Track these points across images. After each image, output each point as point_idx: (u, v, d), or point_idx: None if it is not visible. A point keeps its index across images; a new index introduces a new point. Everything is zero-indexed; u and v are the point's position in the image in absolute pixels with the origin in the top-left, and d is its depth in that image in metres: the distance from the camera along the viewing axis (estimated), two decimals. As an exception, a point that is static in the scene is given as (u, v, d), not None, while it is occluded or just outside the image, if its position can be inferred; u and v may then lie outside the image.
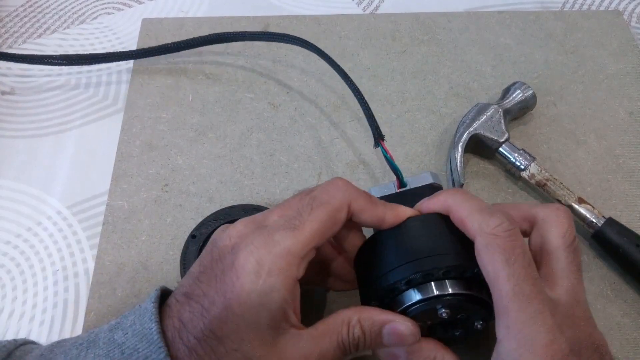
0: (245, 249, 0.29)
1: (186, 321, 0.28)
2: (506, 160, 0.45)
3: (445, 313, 0.30)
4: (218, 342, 0.27)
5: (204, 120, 0.49)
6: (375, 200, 0.32)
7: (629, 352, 0.38)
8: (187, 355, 0.27)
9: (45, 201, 0.45)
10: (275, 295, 0.28)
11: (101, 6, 0.58)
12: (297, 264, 0.29)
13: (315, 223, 0.30)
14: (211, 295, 0.28)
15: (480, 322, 0.31)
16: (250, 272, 0.28)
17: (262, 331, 0.28)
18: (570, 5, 0.59)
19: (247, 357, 0.27)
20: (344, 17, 0.57)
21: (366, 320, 0.30)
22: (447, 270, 0.29)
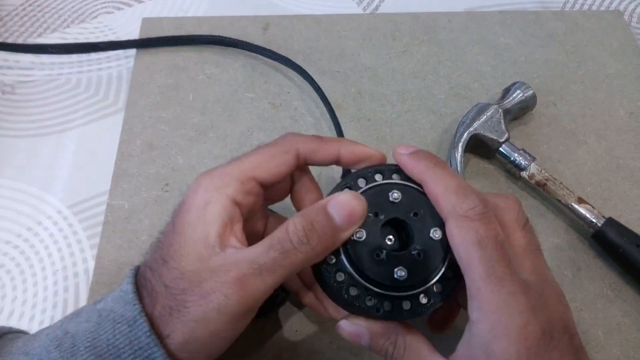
0: (192, 183, 0.31)
1: (147, 263, 0.30)
2: (506, 160, 0.45)
3: (397, 195, 0.30)
4: (163, 264, 0.29)
5: (204, 120, 0.49)
6: (326, 139, 0.33)
7: (629, 352, 0.38)
8: (142, 282, 0.29)
9: (46, 201, 0.45)
10: (209, 209, 0.29)
11: (101, 5, 0.58)
12: (233, 184, 0.30)
13: (257, 156, 0.31)
14: (165, 229, 0.31)
15: (436, 229, 0.29)
16: (191, 192, 0.30)
17: (197, 246, 0.29)
18: (570, 5, 0.59)
19: (183, 272, 0.28)
20: (344, 17, 0.57)
21: (308, 210, 0.29)
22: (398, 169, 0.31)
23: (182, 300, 0.28)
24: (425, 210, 0.30)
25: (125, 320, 0.28)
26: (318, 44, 0.55)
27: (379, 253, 0.29)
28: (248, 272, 0.27)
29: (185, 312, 0.28)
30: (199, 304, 0.27)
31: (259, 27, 0.55)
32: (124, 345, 0.27)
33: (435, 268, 0.30)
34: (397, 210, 0.30)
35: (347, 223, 0.29)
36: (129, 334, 0.27)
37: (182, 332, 0.27)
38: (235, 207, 0.30)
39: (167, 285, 0.28)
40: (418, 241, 0.29)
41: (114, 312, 0.28)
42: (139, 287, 0.29)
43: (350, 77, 0.52)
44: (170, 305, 0.28)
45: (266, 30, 0.55)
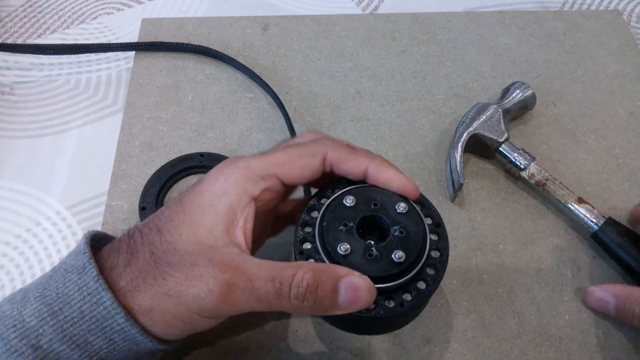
0: (214, 169, 0.31)
1: (139, 226, 0.30)
2: (506, 160, 0.45)
3: (351, 199, 0.31)
4: (157, 233, 0.29)
5: (203, 120, 0.49)
6: (358, 151, 0.32)
7: (629, 352, 0.38)
8: (125, 243, 0.29)
9: (45, 202, 0.45)
10: (225, 199, 0.29)
11: (101, 6, 0.58)
12: (253, 179, 0.30)
13: (283, 154, 0.31)
14: (170, 203, 0.30)
15: (398, 204, 0.31)
16: (210, 178, 0.30)
17: (201, 232, 0.29)
18: (570, 5, 0.59)
19: (176, 248, 0.28)
20: (344, 17, 0.57)
21: (322, 271, 0.28)
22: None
23: (163, 271, 0.28)
24: (379, 197, 0.31)
25: (75, 269, 0.28)
26: (317, 44, 0.55)
27: (370, 252, 0.29)
28: (240, 285, 0.27)
29: (162, 282, 0.28)
30: (180, 282, 0.27)
31: (259, 28, 0.55)
32: (73, 292, 0.28)
33: (423, 232, 0.30)
34: (357, 211, 0.31)
35: (346, 305, 0.28)
36: (77, 280, 0.28)
37: (150, 299, 0.28)
38: (251, 203, 0.30)
39: (153, 252, 0.28)
40: (392, 222, 0.30)
41: (65, 264, 0.29)
42: (115, 243, 0.30)
43: (349, 77, 0.52)
44: (149, 270, 0.28)
45: (266, 30, 0.55)
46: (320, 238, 0.30)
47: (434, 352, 0.38)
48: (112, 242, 0.30)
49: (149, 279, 0.28)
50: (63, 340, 0.27)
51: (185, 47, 0.53)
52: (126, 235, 0.30)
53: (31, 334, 0.27)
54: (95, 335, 0.28)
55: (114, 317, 0.27)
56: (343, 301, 0.28)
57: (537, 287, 0.41)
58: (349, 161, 0.32)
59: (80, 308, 0.27)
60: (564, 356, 0.38)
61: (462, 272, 0.41)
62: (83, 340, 0.27)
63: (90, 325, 0.27)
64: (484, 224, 0.44)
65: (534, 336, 0.39)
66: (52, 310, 0.27)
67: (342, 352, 0.38)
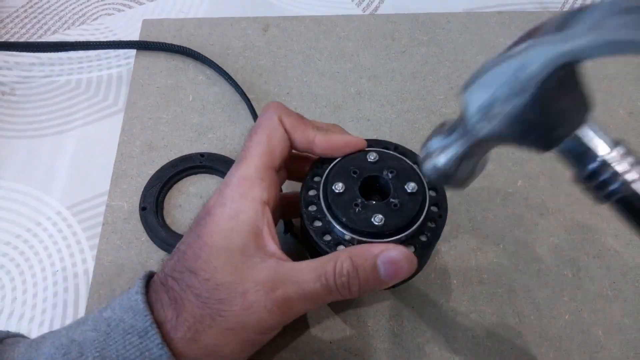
0: (213, 197, 0.31)
1: (168, 273, 0.29)
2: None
3: (374, 155, 0.34)
4: (192, 275, 0.28)
5: (204, 120, 0.49)
6: (306, 122, 0.33)
7: (629, 352, 0.38)
8: (165, 293, 0.28)
9: (45, 202, 0.45)
10: (242, 217, 0.29)
11: (101, 7, 0.58)
12: (257, 185, 0.30)
13: (258, 145, 0.31)
14: (188, 241, 0.30)
15: (412, 183, 0.33)
16: (217, 205, 0.30)
17: (234, 257, 0.28)
18: (570, 6, 0.59)
19: (218, 284, 0.28)
20: (344, 18, 0.57)
21: (358, 255, 0.29)
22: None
23: (217, 309, 0.28)
24: (400, 169, 0.34)
25: (136, 331, 0.27)
26: (318, 44, 0.55)
27: (357, 204, 0.32)
28: (294, 296, 0.28)
29: (220, 320, 0.27)
30: (238, 314, 0.27)
31: (259, 28, 0.55)
32: (135, 357, 0.27)
33: (414, 217, 0.32)
34: (374, 170, 0.34)
35: (390, 279, 0.29)
36: (139, 345, 0.27)
37: (214, 338, 0.27)
38: (266, 208, 0.30)
39: (198, 295, 0.28)
40: (394, 194, 0.33)
41: (123, 322, 0.28)
42: (152, 294, 0.29)
43: (349, 77, 0.52)
44: (202, 314, 0.27)
45: (266, 31, 0.55)
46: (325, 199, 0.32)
47: (434, 352, 0.38)
48: (153, 290, 0.29)
49: (205, 320, 0.27)
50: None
51: (173, 48, 0.52)
52: (159, 284, 0.29)
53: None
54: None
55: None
56: (385, 276, 0.29)
57: (537, 287, 0.41)
58: (299, 130, 0.33)
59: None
60: (564, 356, 0.38)
61: (462, 272, 0.41)
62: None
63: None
64: (484, 224, 0.44)
65: (534, 336, 0.39)
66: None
67: (342, 352, 0.38)
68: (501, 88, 0.21)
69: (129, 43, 0.53)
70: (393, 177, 0.33)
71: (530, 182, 0.46)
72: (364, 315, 0.39)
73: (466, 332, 0.39)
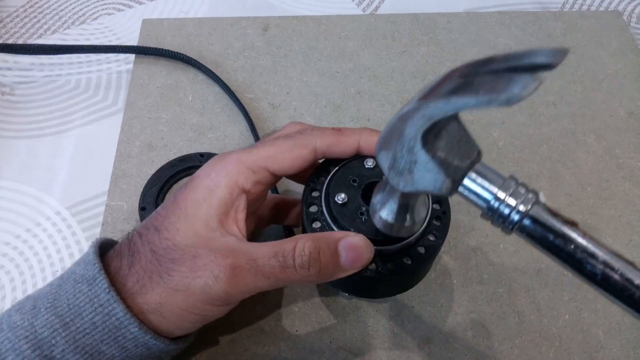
0: (207, 164, 0.32)
1: (137, 229, 0.31)
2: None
3: (371, 162, 0.33)
4: (154, 232, 0.30)
5: (203, 120, 0.49)
6: (345, 132, 0.33)
7: (629, 352, 0.38)
8: (126, 247, 0.30)
9: (45, 202, 0.45)
10: (217, 192, 0.30)
11: (101, 7, 0.58)
12: (244, 172, 0.31)
13: (272, 147, 0.32)
14: (166, 202, 0.32)
15: None
16: (202, 174, 0.31)
17: (197, 225, 0.29)
18: (569, 6, 0.59)
19: (175, 244, 0.29)
20: (344, 18, 0.57)
21: (320, 238, 0.30)
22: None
23: (167, 268, 0.28)
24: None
25: (86, 280, 0.28)
26: (318, 44, 0.55)
27: (362, 212, 0.31)
28: (245, 266, 0.28)
29: (167, 278, 0.28)
30: (186, 275, 0.28)
31: (259, 28, 0.55)
32: (85, 304, 0.28)
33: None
34: (374, 176, 0.33)
35: (350, 265, 0.30)
36: (88, 292, 0.28)
37: (159, 296, 0.28)
38: (242, 195, 0.31)
39: (154, 251, 0.29)
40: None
41: (74, 273, 0.29)
42: (116, 248, 0.30)
43: (349, 77, 0.52)
44: (152, 269, 0.28)
45: (266, 31, 0.55)
46: (326, 200, 0.32)
47: (434, 352, 0.38)
48: (114, 248, 0.31)
49: (154, 277, 0.28)
50: (76, 350, 0.27)
51: (169, 54, 0.52)
52: (126, 239, 0.30)
53: (44, 345, 0.27)
54: (108, 345, 0.28)
55: (127, 327, 0.28)
56: (345, 261, 0.29)
57: (537, 287, 0.41)
58: (339, 144, 0.33)
59: (92, 319, 0.28)
60: (564, 356, 0.38)
61: (462, 272, 0.41)
62: (95, 350, 0.28)
63: (103, 336, 0.28)
64: (484, 224, 0.44)
65: (534, 336, 0.39)
66: (64, 322, 0.28)
67: (341, 352, 0.38)
68: (397, 148, 0.25)
69: (127, 48, 0.53)
70: None
71: (530, 182, 0.46)
72: (364, 315, 0.39)
73: (466, 332, 0.39)
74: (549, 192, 0.45)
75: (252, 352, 0.38)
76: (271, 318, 0.39)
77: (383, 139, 0.26)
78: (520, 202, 0.23)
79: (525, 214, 0.23)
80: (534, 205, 0.23)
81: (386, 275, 0.31)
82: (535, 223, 0.23)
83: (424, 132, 0.23)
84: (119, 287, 0.28)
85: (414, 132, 0.23)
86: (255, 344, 0.38)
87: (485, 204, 0.24)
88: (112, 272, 0.29)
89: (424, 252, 0.32)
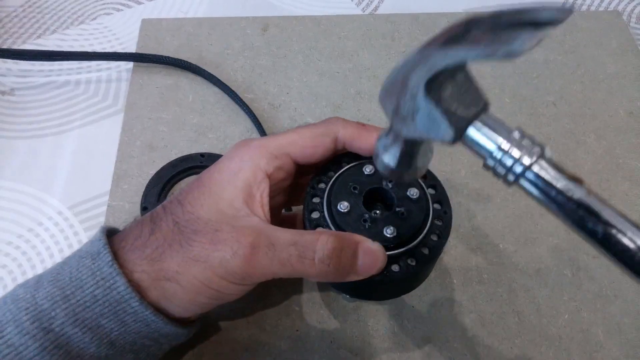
0: (231, 149, 0.33)
1: (161, 203, 0.31)
2: None
3: (370, 168, 0.33)
4: (178, 205, 0.30)
5: (204, 120, 0.49)
6: (368, 127, 0.33)
7: (629, 352, 0.38)
8: (149, 217, 0.31)
9: (46, 202, 0.45)
10: (241, 175, 0.31)
11: (100, 7, 0.58)
12: (267, 157, 0.31)
13: (295, 134, 0.32)
14: (191, 182, 0.32)
15: (413, 189, 0.33)
16: (226, 158, 0.32)
17: (222, 203, 0.30)
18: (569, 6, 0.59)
19: (198, 217, 0.29)
20: (344, 18, 0.57)
21: (344, 237, 0.30)
22: None
23: (188, 238, 0.29)
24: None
25: (90, 255, 0.29)
26: (317, 44, 0.55)
27: (365, 219, 0.32)
28: (264, 247, 0.28)
29: (188, 248, 0.28)
30: (206, 247, 0.28)
31: (259, 28, 0.55)
32: (87, 277, 0.28)
33: (422, 221, 0.32)
34: (373, 182, 0.33)
35: (364, 270, 0.30)
36: (91, 266, 0.28)
37: (177, 265, 0.28)
38: (265, 179, 0.31)
39: (177, 222, 0.29)
40: (398, 203, 0.32)
41: (80, 250, 0.30)
42: (142, 219, 0.31)
43: (349, 77, 0.52)
44: (173, 238, 0.29)
45: (265, 31, 0.55)
46: (328, 205, 0.33)
47: (434, 352, 0.38)
48: (135, 219, 0.32)
49: (174, 245, 0.29)
50: (75, 323, 0.28)
51: (168, 61, 0.52)
52: (148, 213, 0.31)
53: (43, 316, 0.28)
54: (108, 318, 0.28)
55: (128, 301, 0.28)
56: (361, 265, 0.30)
57: (537, 287, 0.41)
58: (361, 137, 0.33)
59: (94, 292, 0.28)
60: (563, 356, 0.38)
61: (462, 272, 0.41)
62: (95, 324, 0.28)
63: (103, 309, 0.28)
64: (484, 224, 0.44)
65: (534, 336, 0.39)
66: (65, 294, 0.28)
67: (342, 351, 0.38)
68: (400, 94, 0.24)
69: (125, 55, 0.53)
70: (393, 185, 0.33)
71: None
72: (364, 315, 0.39)
73: (466, 332, 0.39)
74: (548, 192, 0.45)
75: (252, 351, 0.38)
76: (271, 318, 0.39)
77: (387, 84, 0.25)
78: (525, 154, 0.23)
79: (529, 167, 0.22)
80: (539, 158, 0.23)
81: (392, 277, 0.31)
82: (539, 177, 0.23)
83: (427, 81, 0.22)
84: (134, 254, 0.29)
85: (416, 80, 0.23)
86: (256, 343, 0.38)
87: (488, 154, 0.23)
88: (129, 241, 0.30)
89: (428, 253, 0.32)
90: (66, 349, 0.28)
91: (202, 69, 0.51)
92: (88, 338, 0.28)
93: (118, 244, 0.30)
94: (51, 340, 0.27)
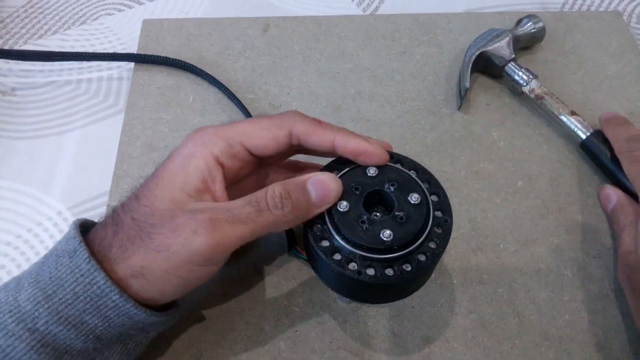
0: (187, 136, 0.33)
1: (121, 201, 0.32)
2: (510, 77, 0.50)
3: (373, 170, 0.34)
4: (135, 200, 0.31)
5: (204, 121, 0.49)
6: (324, 125, 0.34)
7: (629, 352, 0.38)
8: (111, 217, 0.31)
9: (46, 202, 0.45)
10: (193, 161, 0.31)
11: (102, 7, 0.58)
12: (220, 144, 0.32)
13: (249, 124, 0.33)
14: (147, 177, 0.32)
15: (415, 194, 0.33)
16: (181, 144, 0.33)
17: (174, 191, 0.30)
18: (569, 6, 0.59)
19: (154, 210, 0.30)
20: (344, 18, 0.57)
21: (289, 182, 0.31)
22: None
23: (148, 232, 0.29)
24: (401, 181, 0.33)
25: (67, 253, 0.29)
26: (318, 44, 0.55)
27: (364, 221, 0.32)
28: (222, 217, 0.29)
29: (148, 241, 0.29)
30: (166, 236, 0.29)
31: (259, 29, 0.55)
32: (66, 275, 0.29)
33: (422, 227, 0.32)
34: (375, 184, 0.33)
35: (320, 200, 0.31)
36: (69, 264, 0.29)
37: (141, 259, 0.29)
38: (218, 166, 0.32)
39: (135, 218, 0.30)
40: (399, 207, 0.32)
41: (57, 249, 0.30)
42: (102, 221, 0.31)
43: (349, 77, 0.52)
44: (134, 235, 0.29)
45: (266, 31, 0.55)
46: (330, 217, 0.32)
47: (434, 352, 0.38)
48: (100, 221, 0.32)
49: (136, 241, 0.29)
50: (59, 321, 0.28)
51: (168, 62, 0.52)
52: (111, 211, 0.32)
53: (27, 317, 0.28)
54: (90, 314, 0.29)
55: (108, 295, 0.28)
56: (316, 197, 0.31)
57: (537, 287, 0.41)
58: (315, 134, 0.33)
59: (74, 290, 0.28)
60: (564, 356, 0.38)
61: (462, 272, 0.41)
62: (78, 320, 0.28)
63: (85, 305, 0.28)
64: (484, 224, 0.44)
65: (534, 336, 0.39)
66: (47, 294, 0.28)
67: (342, 352, 0.38)
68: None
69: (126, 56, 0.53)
70: (395, 189, 0.33)
71: (530, 182, 0.46)
72: (364, 315, 0.39)
73: (466, 332, 0.39)
74: (549, 192, 0.45)
75: (252, 351, 0.38)
76: (271, 318, 0.39)
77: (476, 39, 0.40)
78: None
79: None
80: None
81: (385, 280, 0.31)
82: None
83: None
84: (104, 256, 0.29)
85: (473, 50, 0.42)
86: (255, 343, 0.38)
87: (519, 83, 0.40)
88: (96, 243, 0.30)
89: (424, 260, 0.32)
90: (53, 347, 0.28)
91: (202, 70, 0.51)
92: (73, 335, 0.28)
93: (100, 238, 0.30)
94: (37, 339, 0.28)
